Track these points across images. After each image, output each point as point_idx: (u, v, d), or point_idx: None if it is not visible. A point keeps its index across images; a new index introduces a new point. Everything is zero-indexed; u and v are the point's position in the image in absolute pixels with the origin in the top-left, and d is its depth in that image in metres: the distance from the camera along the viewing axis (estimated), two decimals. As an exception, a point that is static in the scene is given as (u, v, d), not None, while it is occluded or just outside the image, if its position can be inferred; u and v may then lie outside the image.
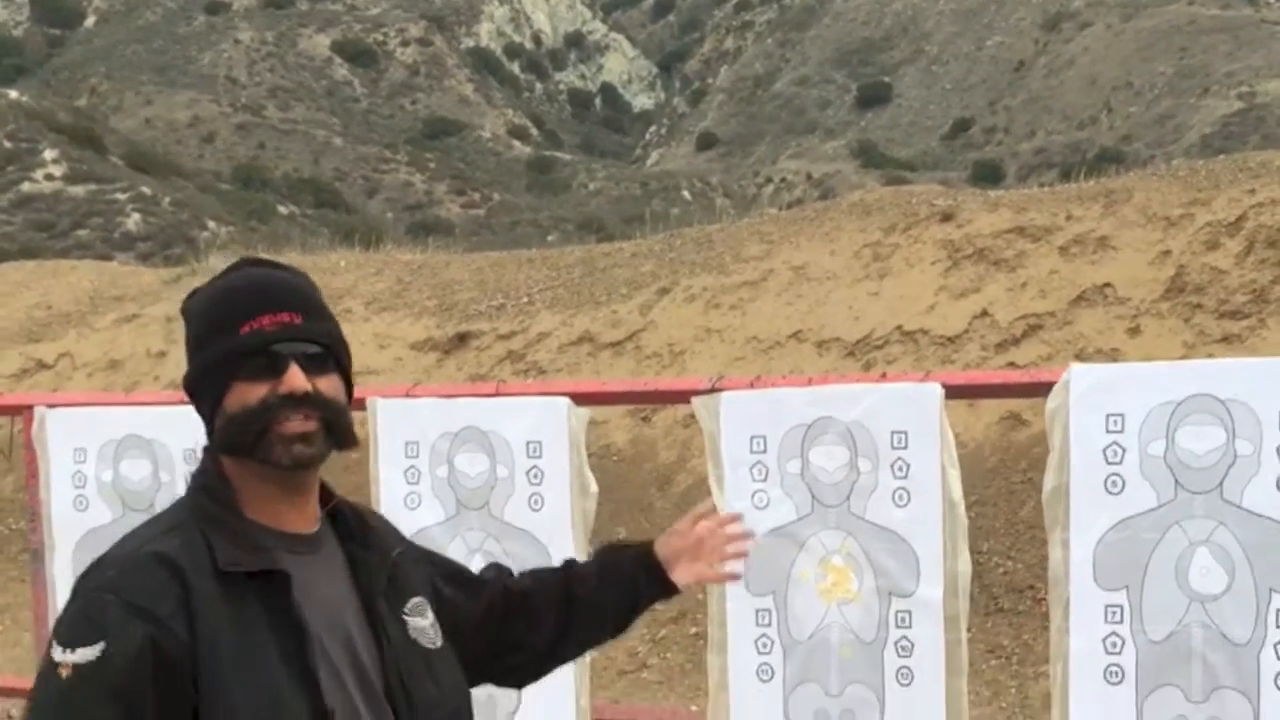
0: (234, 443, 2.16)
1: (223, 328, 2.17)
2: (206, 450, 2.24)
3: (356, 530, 2.32)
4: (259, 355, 2.15)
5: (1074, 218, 11.24)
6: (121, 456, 4.62)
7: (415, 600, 2.36)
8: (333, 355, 2.24)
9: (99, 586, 2.08)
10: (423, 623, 2.34)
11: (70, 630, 2.04)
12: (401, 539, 2.48)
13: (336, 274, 15.23)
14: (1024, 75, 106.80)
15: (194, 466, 2.28)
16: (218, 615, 2.06)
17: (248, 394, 2.14)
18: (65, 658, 2.02)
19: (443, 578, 2.54)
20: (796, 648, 3.96)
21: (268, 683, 2.07)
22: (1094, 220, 11.10)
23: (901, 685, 3.84)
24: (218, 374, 2.16)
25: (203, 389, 2.20)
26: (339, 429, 2.20)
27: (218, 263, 17.05)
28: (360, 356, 13.67)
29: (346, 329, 2.30)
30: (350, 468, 11.51)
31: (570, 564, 2.78)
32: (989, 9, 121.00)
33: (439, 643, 2.35)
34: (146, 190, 67.48)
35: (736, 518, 2.88)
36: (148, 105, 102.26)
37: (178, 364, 15.11)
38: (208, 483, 2.21)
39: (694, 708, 7.27)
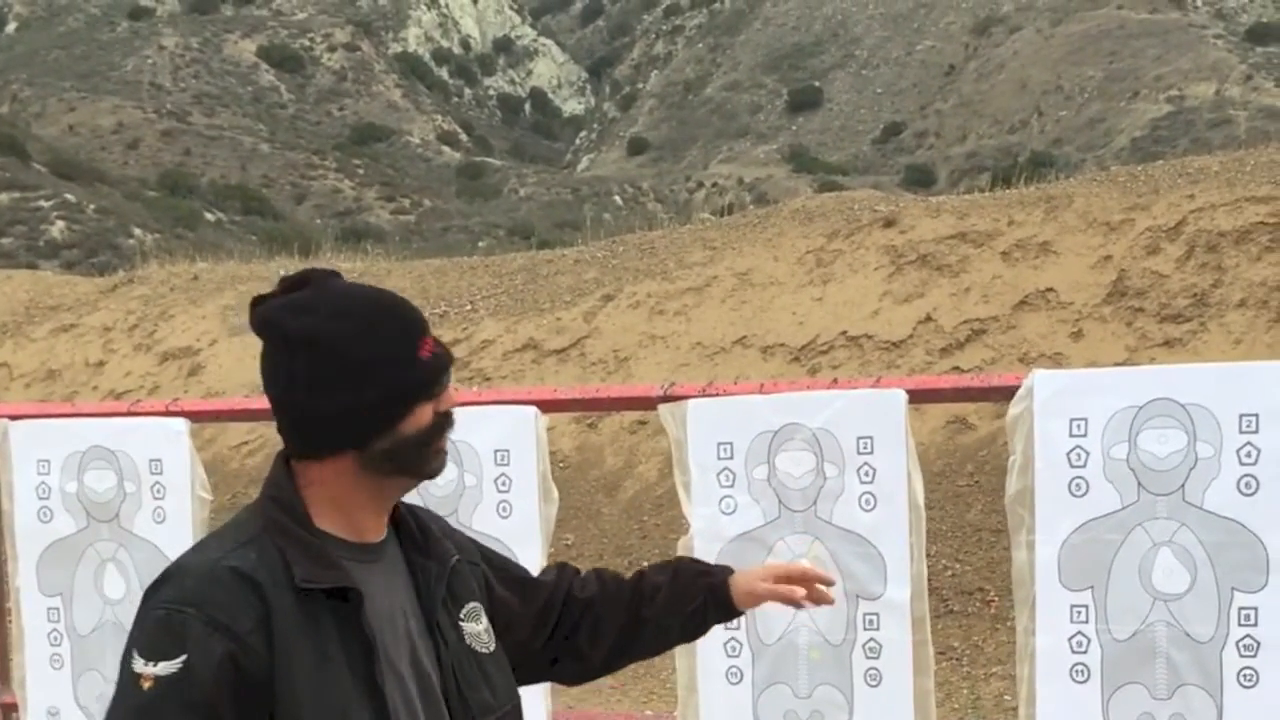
0: (407, 462, 2.21)
1: (401, 353, 2.20)
2: (279, 461, 2.28)
3: (418, 537, 2.36)
4: (439, 378, 2.24)
5: (1015, 223, 11.39)
6: (86, 467, 4.55)
7: (471, 605, 2.39)
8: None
9: (178, 600, 2.10)
10: (477, 627, 2.38)
11: (152, 642, 2.08)
12: (461, 541, 2.52)
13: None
14: (954, 79, 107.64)
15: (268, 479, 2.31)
16: (294, 631, 2.10)
17: (423, 416, 2.20)
18: (147, 670, 2.06)
19: (498, 578, 2.56)
20: (765, 650, 3.99)
21: (338, 698, 2.11)
22: (1035, 225, 11.25)
23: (870, 686, 3.88)
24: (403, 399, 2.19)
25: (379, 414, 2.19)
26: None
27: (154, 271, 16.89)
28: (302, 365, 13.54)
29: None
30: (253, 475, 11.46)
31: (642, 577, 2.73)
32: (919, 13, 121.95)
33: (492, 646, 2.40)
34: (71, 197, 66.55)
35: (831, 581, 2.85)
36: (71, 112, 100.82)
37: (116, 374, 14.98)
38: (280, 495, 2.23)
39: (648, 712, 7.30)
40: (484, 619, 2.41)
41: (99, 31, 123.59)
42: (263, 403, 2.46)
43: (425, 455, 2.23)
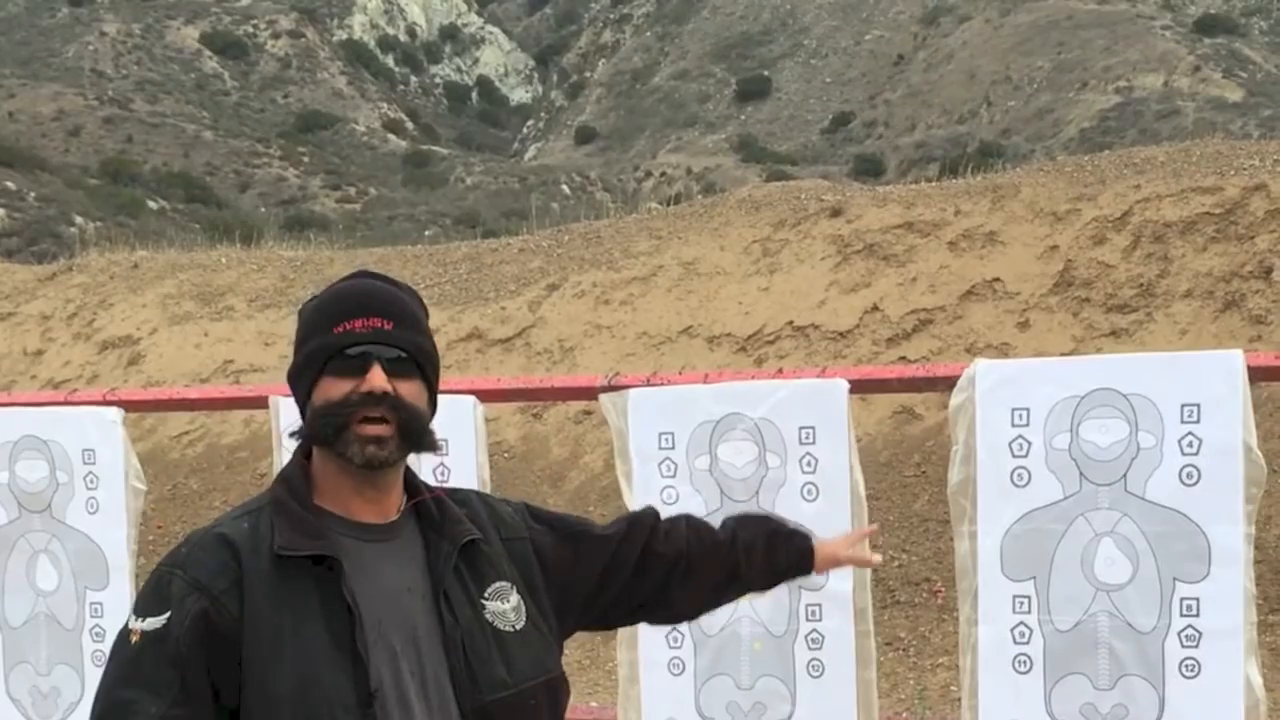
0: (316, 434, 2.32)
1: (320, 327, 2.35)
2: (301, 445, 2.41)
3: (436, 518, 2.43)
4: (346, 353, 2.32)
5: (962, 213, 11.42)
6: (17, 457, 4.51)
7: (497, 585, 2.45)
8: (417, 363, 2.37)
9: (171, 562, 2.31)
10: (502, 606, 2.44)
11: (144, 601, 2.29)
12: (502, 516, 2.59)
13: (218, 271, 14.99)
14: (903, 69, 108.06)
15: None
16: (267, 595, 2.24)
17: (333, 389, 2.31)
18: (136, 625, 2.26)
19: (555, 537, 2.63)
20: (707, 641, 3.98)
21: (308, 662, 2.23)
22: (982, 215, 11.29)
23: (812, 677, 3.88)
24: (310, 369, 2.34)
25: (298, 383, 2.38)
26: (414, 433, 2.34)
27: (94, 259, 16.69)
28: (244, 354, 13.49)
29: (229, 327, 2.33)
30: (234, 465, 11.35)
31: (735, 535, 2.85)
32: (867, 3, 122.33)
33: (520, 624, 2.44)
34: (11, 185, 65.70)
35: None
36: (11, 98, 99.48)
37: (54, 363, 14.79)
38: (289, 472, 2.39)
39: (593, 704, 7.27)
40: (513, 598, 2.47)
41: (39, 17, 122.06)
42: (201, 393, 2.51)
43: (344, 437, 2.29)
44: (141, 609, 2.29)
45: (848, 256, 11.54)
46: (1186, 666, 3.40)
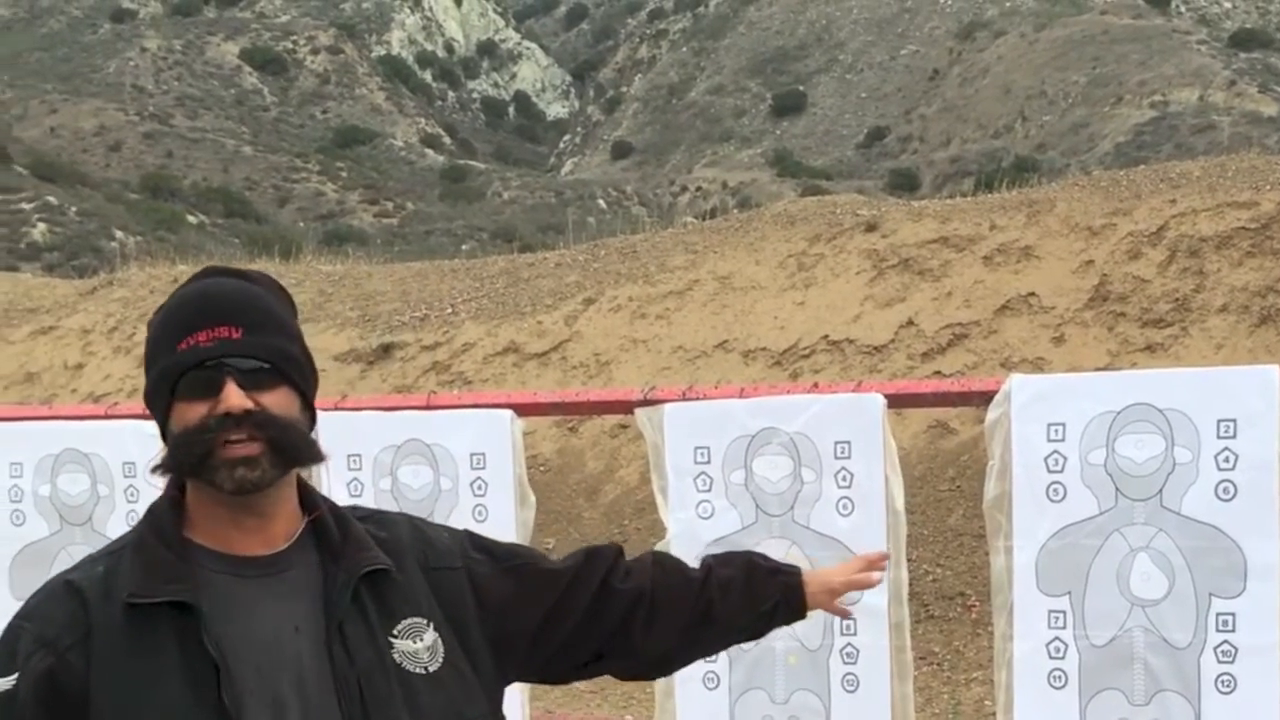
0: (179, 465, 2.07)
1: (163, 345, 2.09)
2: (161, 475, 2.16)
3: (337, 545, 2.16)
4: (194, 372, 2.05)
5: (998, 227, 11.40)
6: (59, 470, 4.53)
7: (410, 621, 2.18)
8: (279, 370, 2.10)
9: (24, 613, 2.07)
10: (413, 646, 2.16)
11: None
12: (451, 545, 2.33)
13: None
14: (938, 84, 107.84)
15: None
16: (119, 648, 1.99)
17: (188, 414, 2.05)
18: None
19: (497, 570, 2.35)
20: (742, 655, 3.98)
21: (166, 717, 1.98)
22: (1018, 230, 11.26)
23: (847, 692, 3.87)
24: (160, 394, 2.09)
25: (152, 409, 2.13)
26: (287, 447, 2.07)
27: (134, 274, 16.84)
28: (283, 368, 13.52)
29: None
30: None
31: (710, 572, 2.53)
32: (903, 18, 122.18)
33: (433, 666, 2.17)
34: (53, 200, 66.32)
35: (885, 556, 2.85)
36: (53, 114, 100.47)
37: (95, 376, 14.93)
38: (156, 504, 2.14)
39: (628, 717, 7.29)
40: (428, 636, 2.18)
41: (81, 34, 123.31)
42: None
43: (209, 464, 2.03)
44: None
45: (883, 271, 11.54)
46: (1222, 682, 3.38)
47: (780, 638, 3.89)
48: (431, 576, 2.25)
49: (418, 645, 2.17)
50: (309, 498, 2.20)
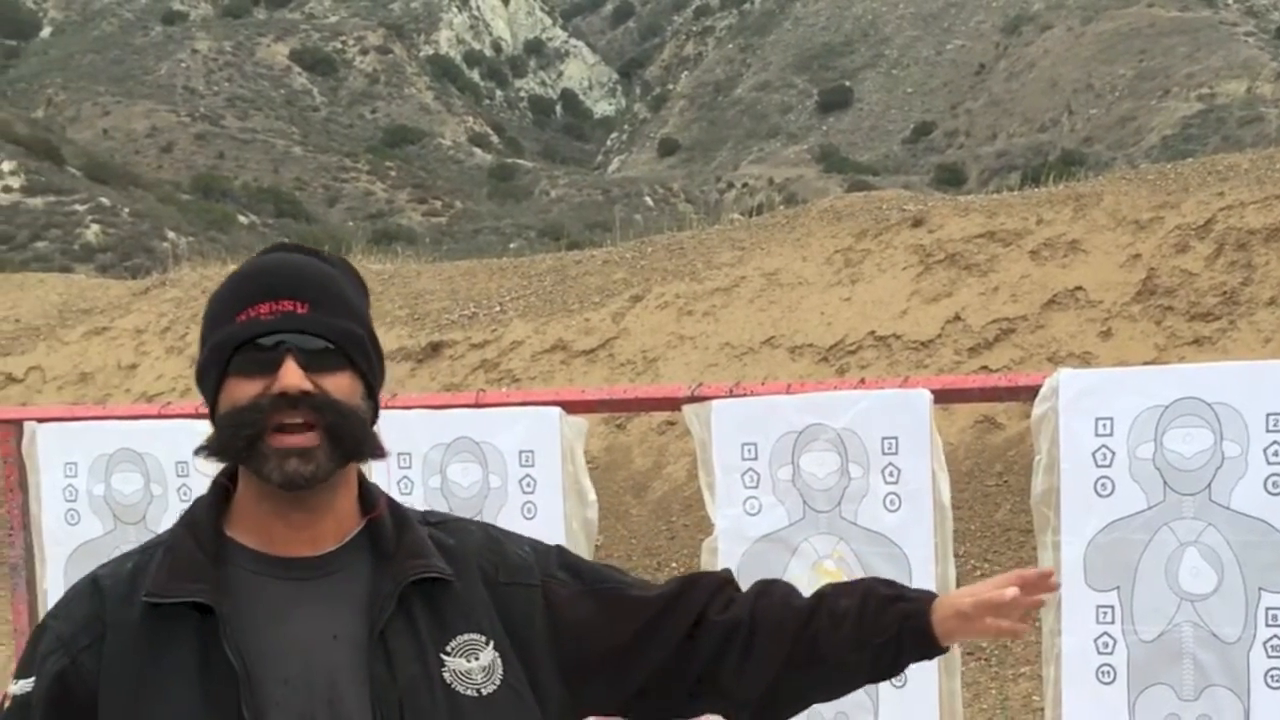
0: (223, 447, 1.90)
1: (221, 317, 1.93)
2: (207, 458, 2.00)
3: (390, 548, 1.99)
4: (250, 347, 1.88)
5: (1044, 221, 11.35)
6: (113, 470, 4.55)
7: (466, 637, 2.00)
8: (344, 353, 1.93)
9: (52, 612, 1.99)
10: (467, 665, 1.99)
11: (22, 657, 1.97)
12: (534, 559, 2.15)
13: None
14: (985, 78, 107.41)
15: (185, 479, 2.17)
16: (132, 650, 1.87)
17: (238, 392, 1.88)
18: (9, 688, 1.94)
19: (580, 592, 2.15)
20: (790, 654, 3.98)
21: None
22: (1064, 224, 11.21)
23: (895, 688, 3.87)
24: (213, 368, 1.91)
25: (202, 387, 1.95)
26: (346, 438, 1.89)
27: (186, 274, 17.00)
28: (333, 367, 13.64)
29: None
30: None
31: (819, 604, 2.18)
32: (949, 13, 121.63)
33: (488, 689, 1.98)
34: (105, 201, 67.10)
35: (1049, 573, 2.23)
36: (105, 116, 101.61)
37: (148, 376, 15.09)
38: (200, 497, 2.00)
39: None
40: (485, 656, 2.00)
41: (133, 36, 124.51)
42: None
43: (257, 450, 1.87)
44: (19, 668, 1.95)
45: (929, 266, 11.51)
46: (1272, 677, 3.37)
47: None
48: (500, 591, 2.07)
49: (472, 664, 1.99)
50: (369, 496, 2.03)
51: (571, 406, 4.30)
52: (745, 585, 2.26)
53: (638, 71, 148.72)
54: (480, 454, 4.25)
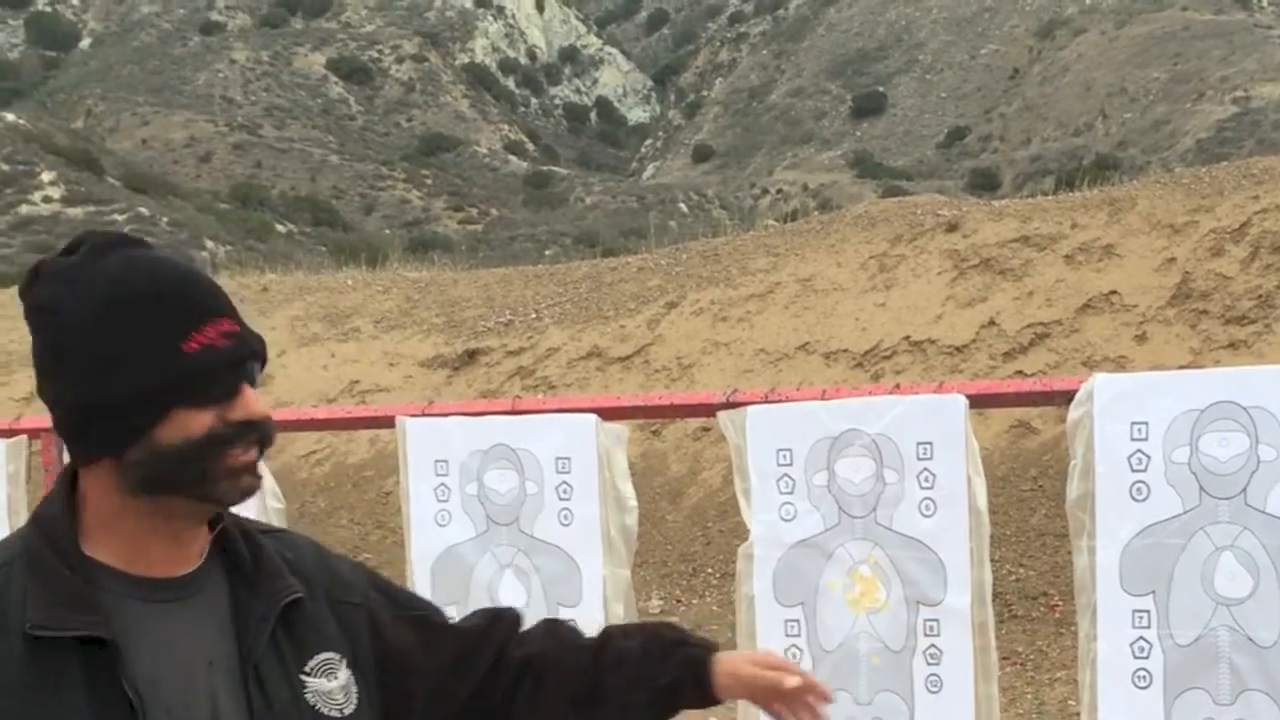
0: (168, 480, 1.76)
1: (160, 341, 1.75)
2: (65, 473, 1.84)
3: (248, 570, 1.89)
4: (212, 377, 1.77)
5: (1079, 226, 11.33)
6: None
7: (322, 657, 1.92)
8: (263, 365, 1.88)
9: None
10: (329, 684, 1.91)
11: None
12: (338, 574, 2.06)
13: (344, 293, 15.32)
14: (1019, 83, 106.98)
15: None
16: (21, 688, 1.69)
17: (191, 423, 1.75)
18: None
19: (396, 618, 2.09)
20: (826, 657, 3.98)
21: None
22: (1099, 228, 11.19)
23: (931, 693, 3.87)
24: (152, 399, 1.75)
25: (123, 416, 1.75)
26: (268, 446, 1.87)
27: (225, 282, 17.12)
28: (370, 375, 13.75)
29: (355, 348, 2.12)
30: (360, 484, 11.62)
31: (606, 644, 2.22)
32: (983, 17, 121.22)
33: (350, 709, 1.92)
34: (144, 210, 67.51)
35: (825, 693, 2.26)
36: (144, 126, 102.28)
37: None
38: (46, 510, 1.82)
39: (712, 719, 7.32)
40: (341, 674, 1.93)
41: (171, 46, 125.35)
42: (328, 413, 2.18)
43: (202, 474, 1.77)
44: None
45: (964, 271, 11.50)
46: (1309, 681, 3.37)
47: (864, 640, 3.92)
48: (336, 609, 1.99)
49: (332, 684, 1.92)
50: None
51: (607, 413, 4.30)
52: (782, 591, 2.26)
53: (672, 78, 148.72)
54: (517, 461, 4.26)
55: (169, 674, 1.76)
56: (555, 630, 2.26)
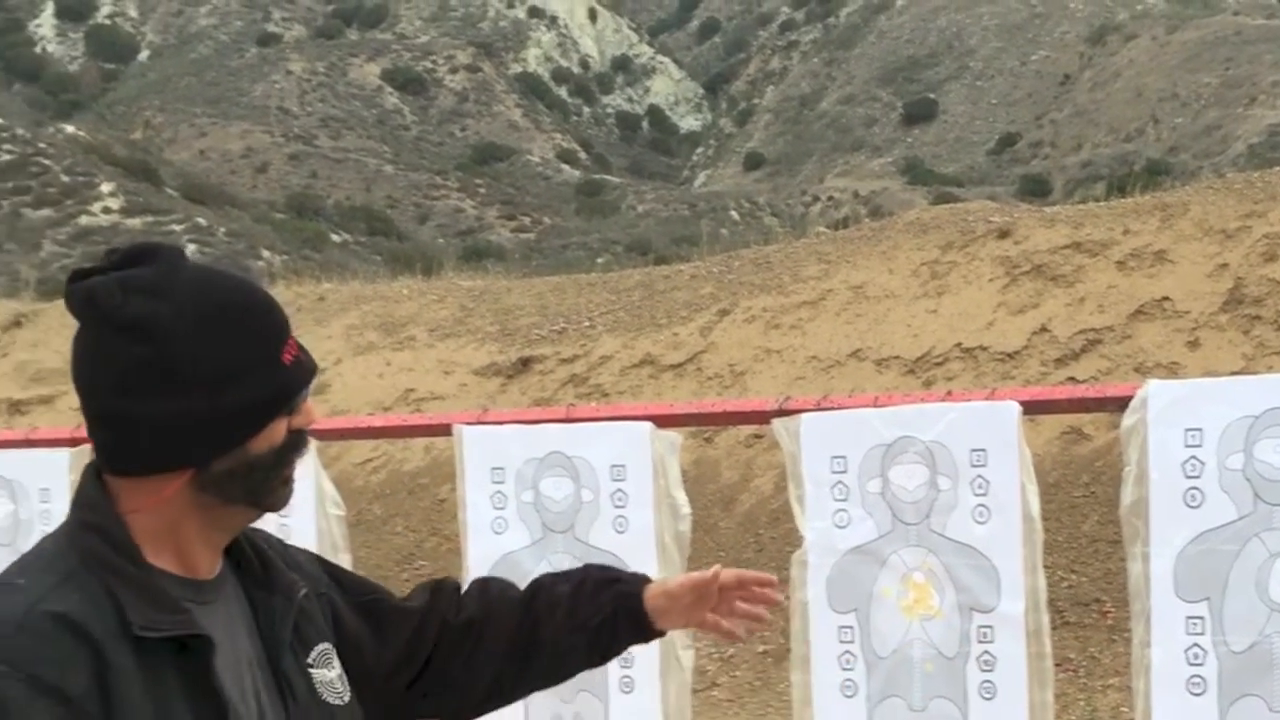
0: (250, 488, 1.84)
1: (265, 354, 1.82)
2: (89, 476, 1.85)
3: (257, 568, 1.95)
4: (300, 388, 1.87)
5: (1131, 232, 11.26)
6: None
7: (321, 648, 1.99)
8: None
9: (6, 660, 1.67)
10: (329, 674, 1.98)
11: None
12: (304, 566, 2.10)
13: (399, 302, 15.42)
14: (1069, 89, 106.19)
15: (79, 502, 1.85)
16: (135, 690, 1.71)
17: (275, 433, 1.83)
18: None
19: (350, 604, 2.14)
20: (879, 664, 4.00)
21: None
22: (1151, 234, 11.11)
23: (985, 699, 3.88)
24: (261, 410, 1.82)
25: (229, 427, 1.79)
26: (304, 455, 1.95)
27: (281, 292, 17.27)
28: (425, 383, 13.83)
29: (410, 356, 2.14)
30: (415, 491, 11.69)
31: (537, 593, 2.27)
32: (1033, 24, 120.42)
33: (347, 697, 1.99)
34: (202, 221, 68.13)
35: (771, 581, 2.36)
36: (202, 137, 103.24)
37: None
38: (98, 520, 1.80)
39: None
40: (336, 663, 2.00)
41: (228, 58, 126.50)
42: (384, 421, 2.20)
43: (273, 481, 1.85)
44: None
45: (1015, 278, 11.45)
46: (1363, 688, 3.36)
47: (917, 646, 3.93)
48: (319, 600, 2.07)
49: (332, 674, 1.99)
50: None
51: (661, 420, 4.33)
52: (835, 598, 2.27)
53: (723, 86, 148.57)
54: (572, 468, 4.29)
55: (225, 669, 1.80)
56: (488, 588, 2.30)
